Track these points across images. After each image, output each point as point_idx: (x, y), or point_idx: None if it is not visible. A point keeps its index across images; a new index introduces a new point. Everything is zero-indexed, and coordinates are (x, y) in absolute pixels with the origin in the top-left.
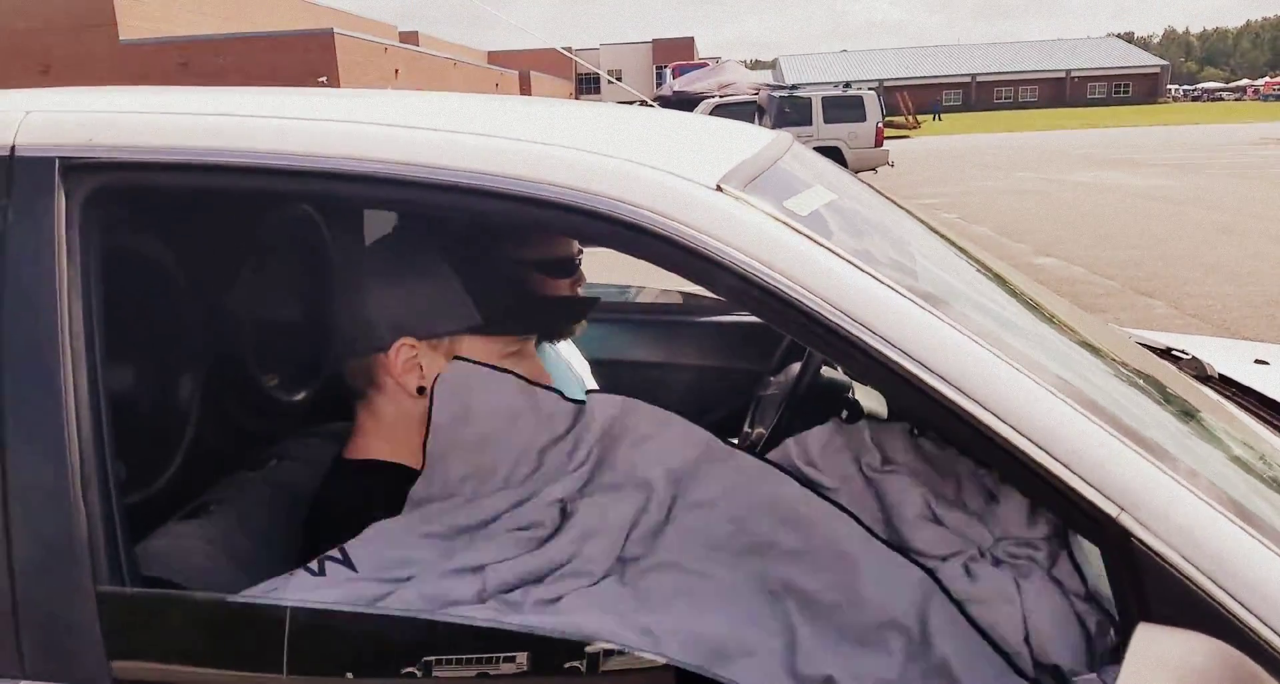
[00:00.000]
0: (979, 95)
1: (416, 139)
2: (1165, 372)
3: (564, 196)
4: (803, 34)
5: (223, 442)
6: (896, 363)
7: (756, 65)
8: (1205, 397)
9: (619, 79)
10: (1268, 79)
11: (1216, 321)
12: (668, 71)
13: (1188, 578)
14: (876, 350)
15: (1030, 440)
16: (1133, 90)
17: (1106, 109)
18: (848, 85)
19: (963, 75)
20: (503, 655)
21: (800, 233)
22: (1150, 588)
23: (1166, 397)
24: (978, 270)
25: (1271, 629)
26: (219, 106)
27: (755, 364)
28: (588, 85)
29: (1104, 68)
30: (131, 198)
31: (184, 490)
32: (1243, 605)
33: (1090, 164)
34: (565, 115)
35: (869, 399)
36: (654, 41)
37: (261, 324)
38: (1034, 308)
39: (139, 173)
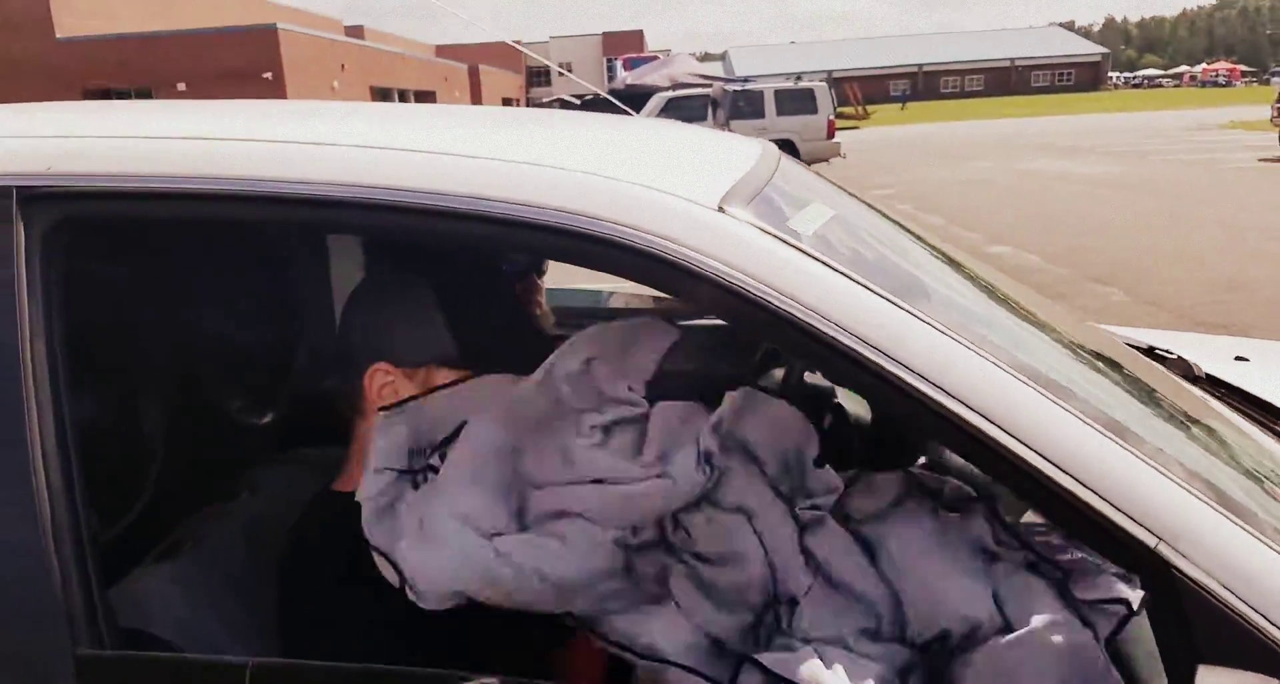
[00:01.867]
0: (926, 85)
1: (405, 161)
2: (1161, 378)
3: (565, 221)
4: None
5: (189, 472)
6: (928, 396)
7: (706, 57)
8: (1203, 403)
9: (569, 71)
10: (1204, 65)
11: (1172, 308)
12: (618, 64)
13: (1232, 609)
14: (908, 384)
15: (1063, 470)
16: (1075, 78)
17: (1052, 97)
18: (799, 77)
19: (910, 65)
20: None
21: (810, 255)
22: (1195, 622)
23: (1181, 413)
24: (976, 283)
25: None
26: (186, 129)
27: (733, 369)
28: (538, 79)
29: (1047, 56)
30: (95, 228)
31: (153, 526)
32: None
33: (1039, 152)
34: (554, 131)
35: (852, 403)
36: (603, 34)
37: (223, 348)
38: (1032, 318)
39: (104, 203)
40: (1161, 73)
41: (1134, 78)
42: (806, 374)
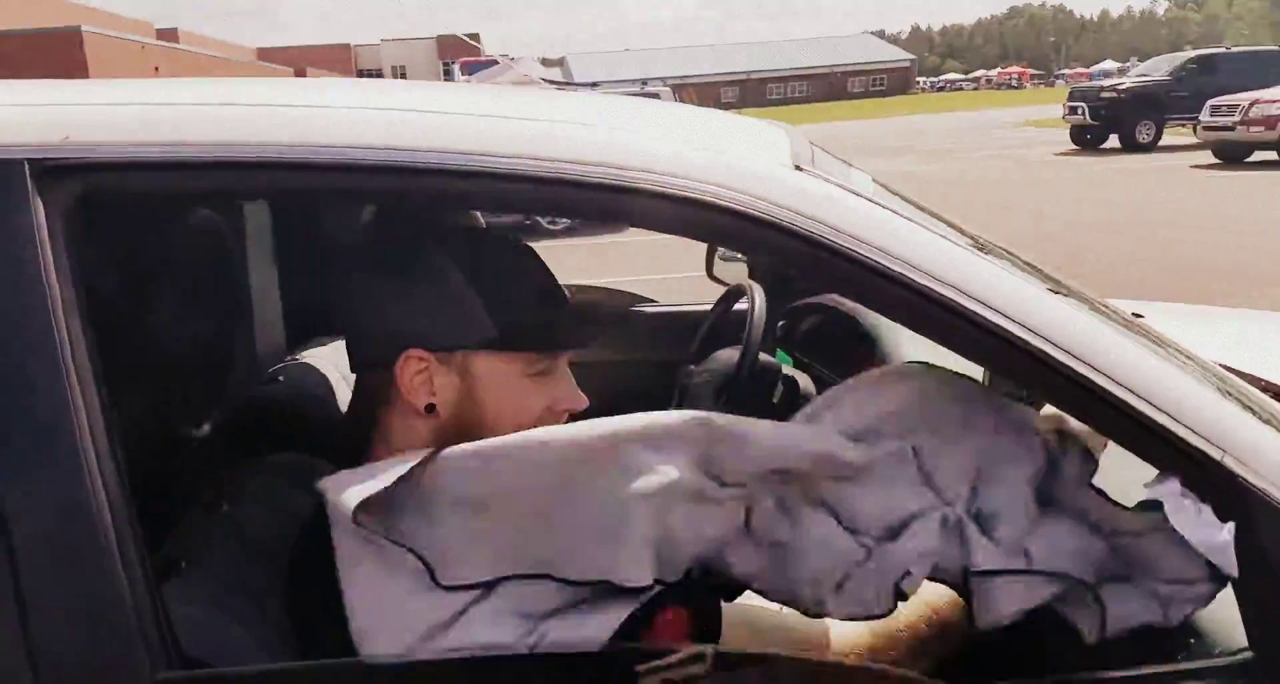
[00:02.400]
0: (755, 92)
1: (513, 131)
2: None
3: (664, 185)
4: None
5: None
6: (1017, 336)
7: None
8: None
9: (404, 76)
10: (999, 70)
11: None
12: (455, 68)
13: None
14: (997, 325)
15: (1136, 394)
16: (888, 83)
17: (869, 101)
18: (644, 83)
19: (739, 73)
20: None
21: (886, 208)
22: (1261, 526)
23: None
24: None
25: None
26: (216, 96)
27: (672, 354)
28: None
29: (862, 63)
30: (118, 202)
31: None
32: None
33: (861, 152)
34: (606, 106)
35: (801, 378)
36: (438, 37)
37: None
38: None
39: (129, 174)
40: (962, 77)
41: (939, 82)
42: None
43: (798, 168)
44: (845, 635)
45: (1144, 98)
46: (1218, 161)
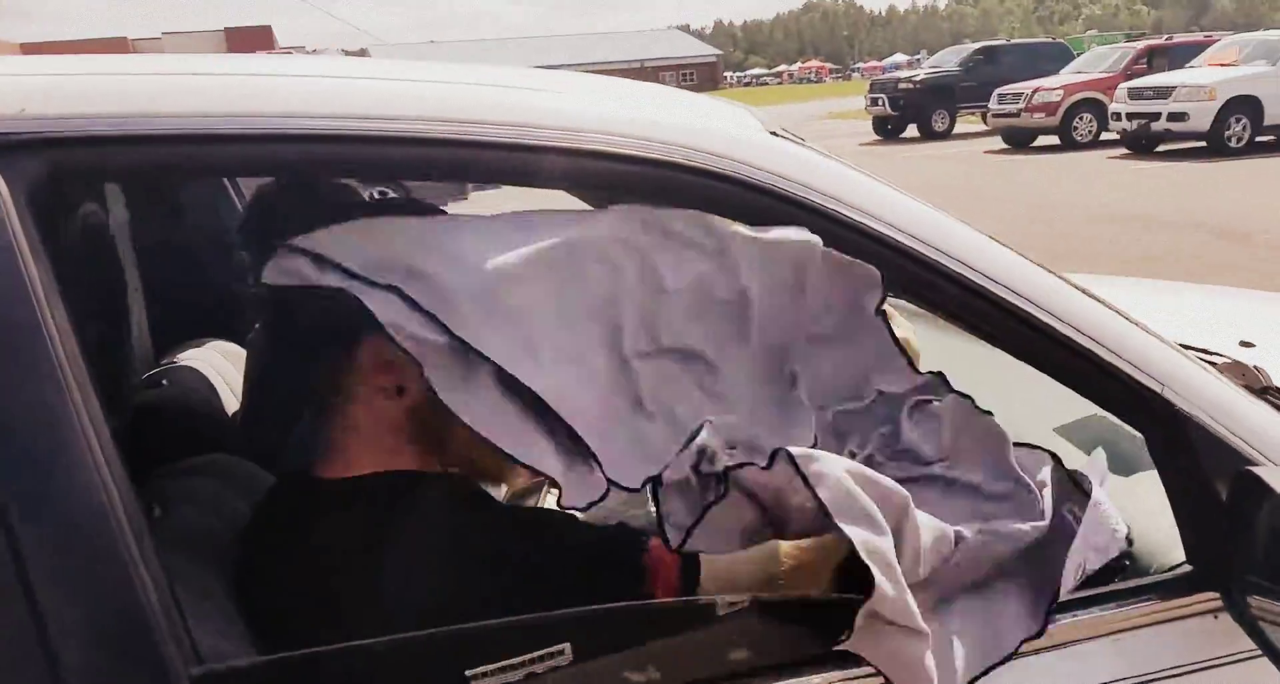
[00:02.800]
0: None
1: (525, 103)
2: None
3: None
4: (386, 23)
5: None
6: (984, 287)
7: (346, 56)
8: None
9: None
10: (800, 64)
11: None
12: None
13: (1215, 433)
14: (972, 281)
15: (1088, 337)
16: (697, 78)
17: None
18: None
19: (553, 66)
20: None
21: (856, 169)
22: (1198, 446)
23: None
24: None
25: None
26: (183, 67)
27: None
28: None
29: (671, 57)
30: (83, 178)
31: None
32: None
33: None
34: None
35: None
36: (226, 30)
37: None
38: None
39: (96, 149)
40: (766, 71)
41: (745, 76)
42: None
43: (773, 133)
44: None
45: (938, 88)
46: (1007, 146)
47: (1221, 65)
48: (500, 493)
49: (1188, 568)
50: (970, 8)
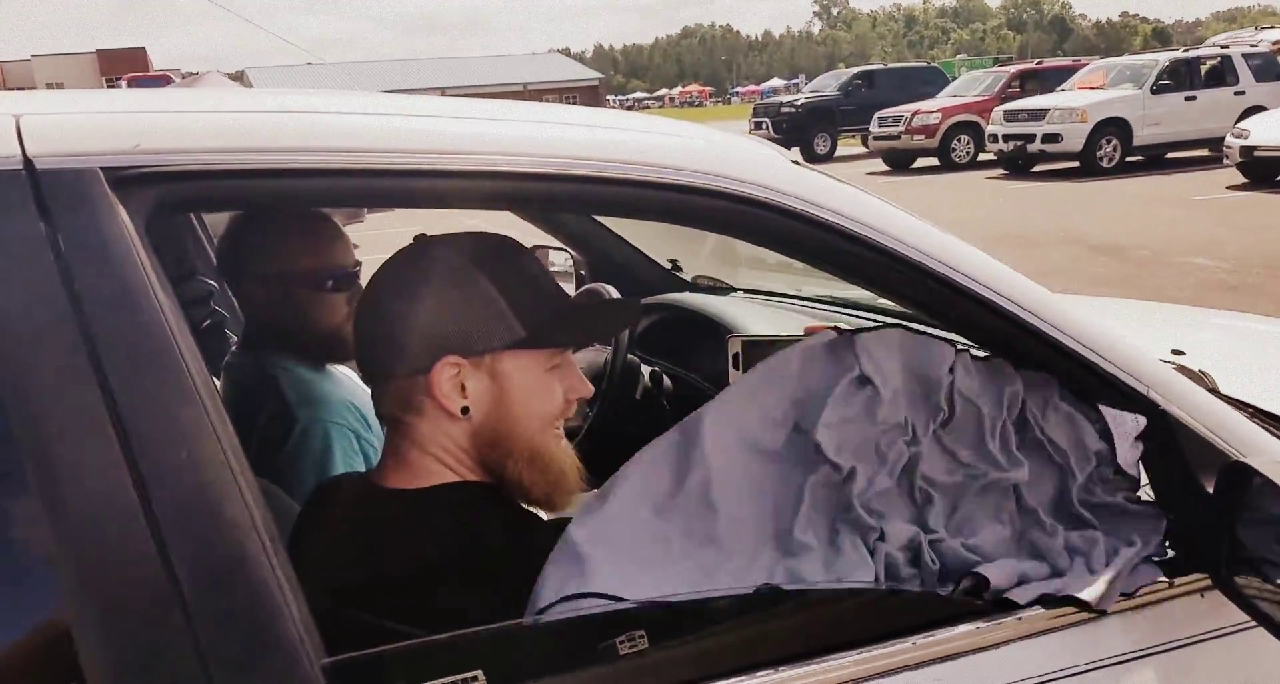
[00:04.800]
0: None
1: (577, 138)
2: None
3: (709, 182)
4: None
5: None
6: (992, 301)
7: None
8: None
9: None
10: (681, 88)
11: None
12: (122, 84)
13: (1194, 430)
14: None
15: (1082, 344)
16: (579, 101)
17: None
18: None
19: (432, 88)
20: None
21: (875, 196)
22: (1181, 440)
23: None
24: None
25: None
26: (283, 104)
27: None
28: None
29: (553, 81)
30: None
31: None
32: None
33: None
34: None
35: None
36: (98, 52)
37: None
38: None
39: (202, 182)
40: (648, 95)
41: (627, 100)
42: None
43: (795, 162)
44: None
45: (818, 112)
46: (888, 168)
47: (1091, 88)
48: None
49: (1170, 552)
50: (844, 32)
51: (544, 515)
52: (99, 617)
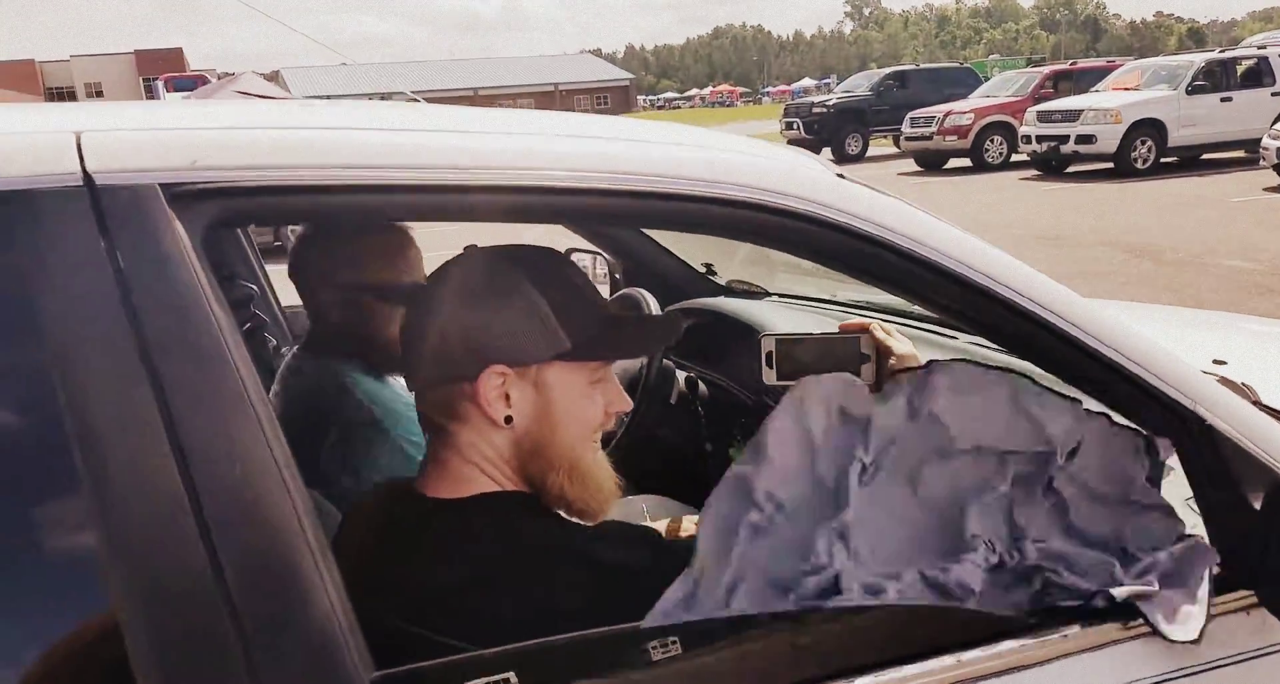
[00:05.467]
0: (483, 107)
1: (619, 152)
2: None
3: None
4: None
5: None
6: (1038, 315)
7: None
8: None
9: (100, 94)
10: (711, 88)
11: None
12: (159, 84)
13: (1242, 446)
14: (1027, 309)
15: (1133, 361)
16: (611, 101)
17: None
18: (384, 97)
19: (465, 89)
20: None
21: (920, 209)
22: (1227, 455)
23: None
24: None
25: None
26: (346, 120)
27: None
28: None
29: (584, 81)
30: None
31: None
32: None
33: None
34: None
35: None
36: (136, 52)
37: None
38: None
39: (258, 198)
40: (678, 95)
41: (659, 100)
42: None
43: (840, 176)
44: None
45: (850, 112)
46: (920, 169)
47: (1125, 89)
48: None
49: (1218, 569)
50: (875, 32)
51: (583, 523)
52: (148, 623)
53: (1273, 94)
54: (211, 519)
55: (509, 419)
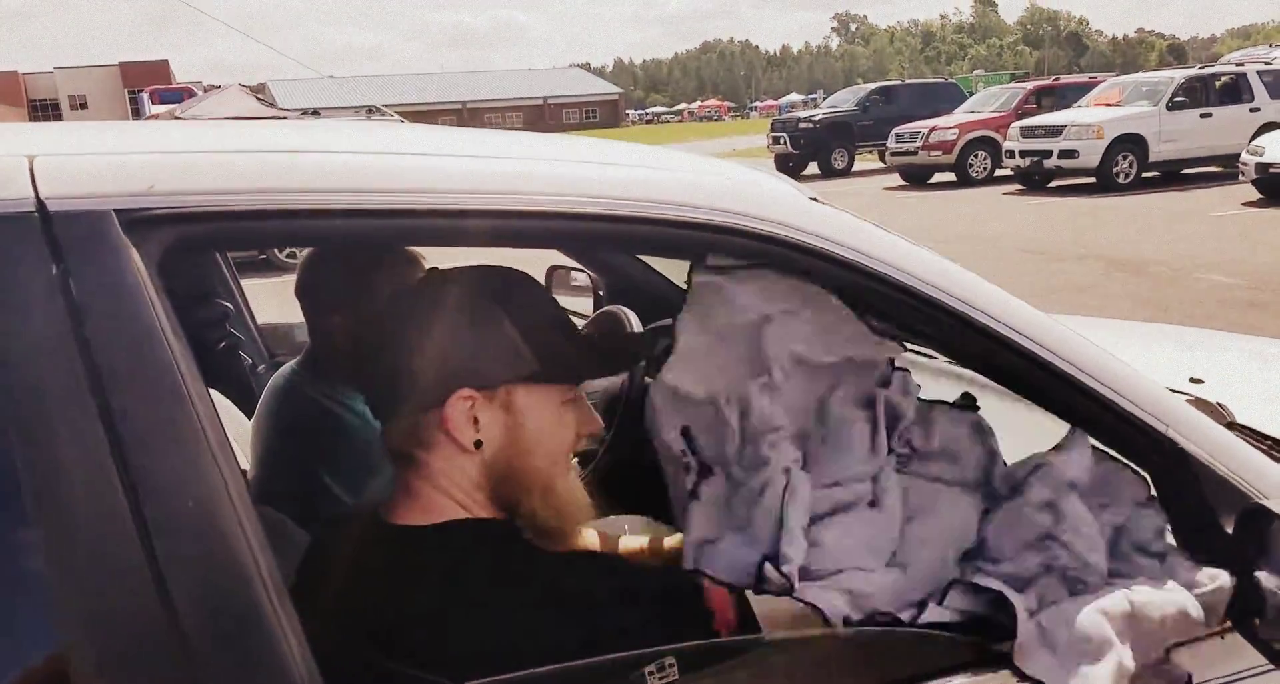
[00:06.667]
0: (471, 121)
1: (591, 176)
2: None
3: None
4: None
5: None
6: (1009, 339)
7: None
8: None
9: (84, 106)
10: (700, 102)
11: None
12: (144, 96)
13: (1214, 469)
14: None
15: (1105, 385)
16: (600, 115)
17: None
18: (370, 111)
19: (453, 102)
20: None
21: (896, 234)
22: (1201, 477)
23: None
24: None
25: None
26: (293, 143)
27: None
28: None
29: (573, 95)
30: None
31: None
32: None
33: None
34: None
35: None
36: (121, 64)
37: None
38: None
39: (215, 224)
40: (667, 109)
41: (646, 114)
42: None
43: (813, 199)
44: None
45: (836, 127)
46: (905, 183)
47: (1107, 105)
48: None
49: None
50: (862, 47)
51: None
52: (96, 662)
53: (1250, 110)
54: (162, 556)
55: (479, 444)
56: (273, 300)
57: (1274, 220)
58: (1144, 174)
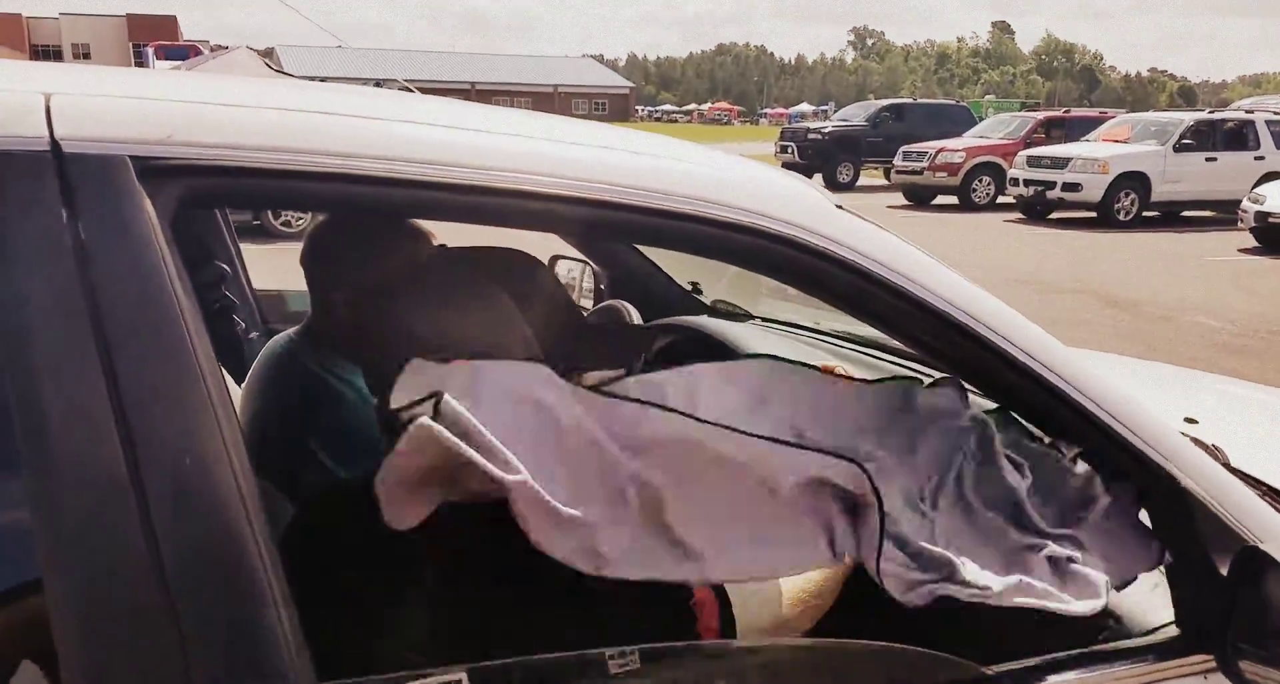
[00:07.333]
0: (480, 103)
1: (618, 163)
2: None
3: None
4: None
5: None
6: (1021, 362)
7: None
8: None
9: (87, 56)
10: (710, 104)
11: None
12: (149, 51)
13: (1209, 506)
14: (1010, 354)
15: (1110, 415)
16: (609, 108)
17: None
18: (379, 83)
19: (463, 83)
20: None
21: (911, 244)
22: (1195, 512)
23: None
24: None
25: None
26: (339, 106)
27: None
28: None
29: (584, 85)
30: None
31: None
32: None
33: None
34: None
35: None
36: (128, 16)
37: None
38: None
39: (233, 179)
40: (677, 108)
41: (656, 111)
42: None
43: (838, 207)
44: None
45: (844, 141)
46: (908, 203)
47: (1115, 141)
48: None
49: (1175, 631)
50: (876, 63)
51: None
52: (80, 614)
53: (1255, 158)
54: (156, 511)
55: None
56: (263, 266)
57: (1267, 269)
58: (1144, 213)
